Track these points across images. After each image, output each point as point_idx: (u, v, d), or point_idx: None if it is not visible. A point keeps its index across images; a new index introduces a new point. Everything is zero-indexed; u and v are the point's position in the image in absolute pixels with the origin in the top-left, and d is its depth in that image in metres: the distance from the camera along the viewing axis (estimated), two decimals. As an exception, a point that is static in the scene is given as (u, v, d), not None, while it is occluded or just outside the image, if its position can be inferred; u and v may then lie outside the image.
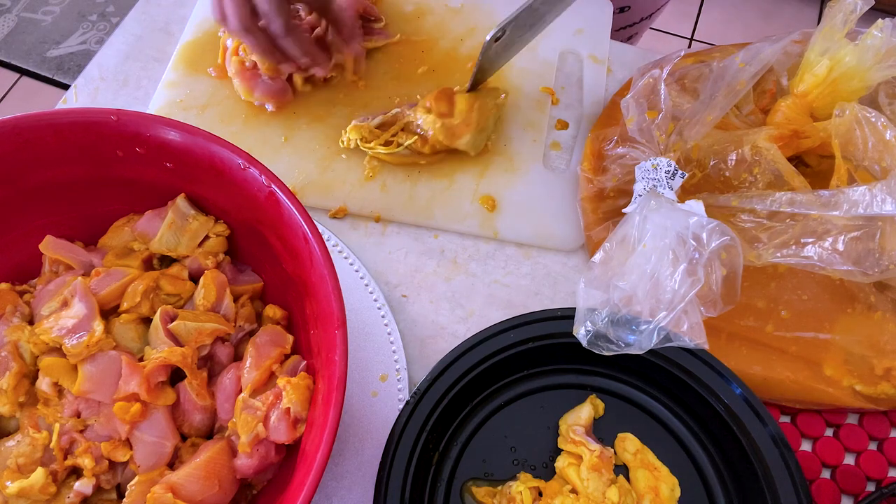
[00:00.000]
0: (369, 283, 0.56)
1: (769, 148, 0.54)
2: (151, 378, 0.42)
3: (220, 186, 0.46)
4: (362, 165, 0.62)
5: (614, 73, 0.70)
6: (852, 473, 0.50)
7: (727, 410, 0.48)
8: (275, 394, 0.42)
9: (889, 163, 0.50)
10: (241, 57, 0.63)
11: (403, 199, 0.61)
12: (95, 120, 0.45)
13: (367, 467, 0.50)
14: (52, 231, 0.49)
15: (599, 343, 0.48)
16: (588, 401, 0.51)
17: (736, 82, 0.56)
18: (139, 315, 0.46)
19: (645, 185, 0.54)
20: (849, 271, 0.48)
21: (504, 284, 0.59)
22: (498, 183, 0.62)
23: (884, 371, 0.51)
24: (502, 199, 0.61)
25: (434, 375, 0.49)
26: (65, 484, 0.42)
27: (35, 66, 1.85)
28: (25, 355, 0.44)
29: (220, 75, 0.66)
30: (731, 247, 0.47)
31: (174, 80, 0.66)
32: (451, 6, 0.72)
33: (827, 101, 0.55)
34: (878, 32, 0.52)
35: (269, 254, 0.48)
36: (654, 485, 0.48)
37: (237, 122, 0.64)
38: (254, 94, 0.63)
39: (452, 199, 0.61)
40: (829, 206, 0.48)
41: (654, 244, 0.48)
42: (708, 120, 0.55)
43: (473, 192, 0.62)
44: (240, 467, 0.42)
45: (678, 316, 0.46)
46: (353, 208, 0.61)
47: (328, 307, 0.40)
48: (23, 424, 0.43)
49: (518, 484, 0.47)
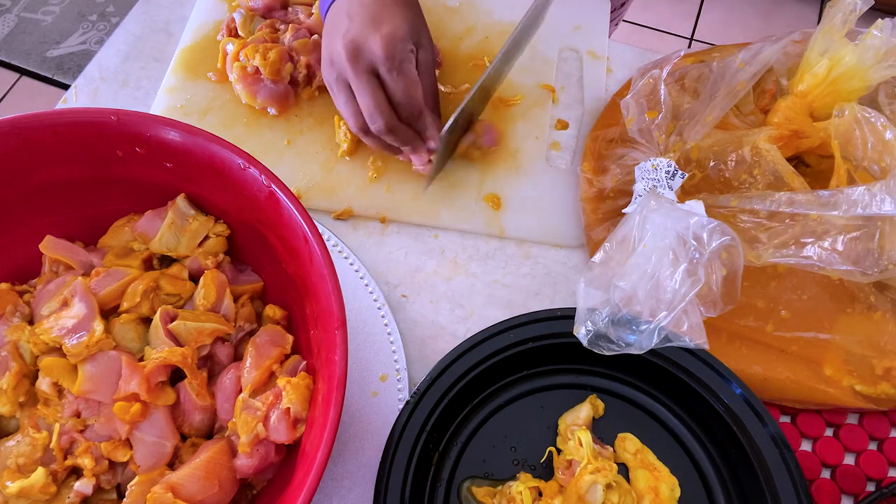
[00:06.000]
0: (369, 283, 0.56)
1: (769, 149, 0.54)
2: (151, 378, 0.42)
3: (220, 186, 0.46)
4: (366, 167, 0.62)
5: (614, 73, 0.70)
6: (852, 473, 0.50)
7: (727, 410, 0.48)
8: (275, 394, 0.42)
9: (888, 163, 0.50)
10: (242, 62, 0.63)
11: (408, 200, 0.61)
12: (95, 120, 0.45)
13: (367, 467, 0.50)
14: (52, 231, 0.49)
15: (600, 343, 0.48)
16: (588, 401, 0.51)
17: (736, 82, 0.56)
18: (139, 315, 0.46)
19: (645, 185, 0.54)
20: (848, 271, 0.48)
21: (504, 284, 0.59)
22: (503, 181, 0.62)
23: (884, 371, 0.51)
24: (507, 198, 0.61)
25: (434, 375, 0.49)
26: (65, 484, 0.42)
27: (35, 66, 1.85)
28: (25, 355, 0.44)
29: (220, 79, 0.66)
30: (732, 247, 0.47)
31: (174, 85, 0.66)
32: (449, 5, 0.72)
33: (827, 101, 0.55)
34: (877, 32, 0.52)
35: (269, 254, 0.48)
36: (654, 485, 0.48)
37: (239, 126, 0.64)
38: (256, 99, 0.63)
39: (458, 199, 0.61)
40: (829, 207, 0.48)
41: (654, 244, 0.48)
42: (708, 120, 0.55)
43: (478, 190, 0.62)
44: (240, 467, 0.42)
45: (678, 316, 0.46)
46: (358, 210, 0.61)
47: (328, 307, 0.40)
48: (23, 424, 0.43)
49: (518, 484, 0.47)
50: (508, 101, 0.66)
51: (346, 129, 0.62)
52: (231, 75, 0.64)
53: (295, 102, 0.65)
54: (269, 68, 0.62)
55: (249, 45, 0.63)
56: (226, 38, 0.66)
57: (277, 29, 0.66)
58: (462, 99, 0.66)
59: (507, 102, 0.66)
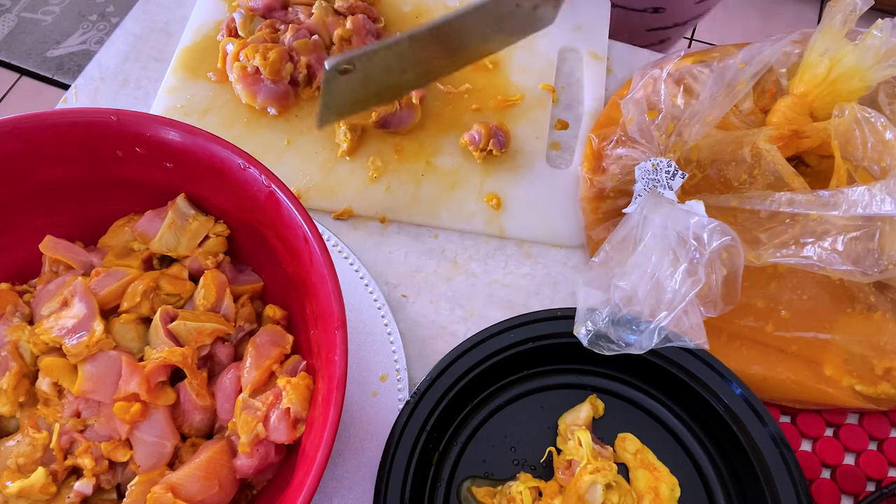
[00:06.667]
0: (369, 283, 0.56)
1: (769, 150, 0.54)
2: (151, 378, 0.42)
3: (220, 186, 0.46)
4: (366, 167, 0.62)
5: (614, 73, 0.70)
6: (852, 473, 0.50)
7: (727, 410, 0.48)
8: (275, 394, 0.42)
9: (888, 163, 0.50)
10: (242, 62, 0.62)
11: (408, 200, 0.61)
12: (95, 120, 0.45)
13: (367, 467, 0.50)
14: (52, 231, 0.49)
15: (600, 343, 0.48)
16: (588, 401, 0.51)
17: (736, 82, 0.56)
18: (139, 315, 0.46)
19: (645, 185, 0.54)
20: (848, 271, 0.48)
21: (504, 284, 0.59)
22: (503, 181, 0.62)
23: (884, 371, 0.51)
24: (507, 197, 0.62)
25: (434, 375, 0.49)
26: (65, 484, 0.42)
27: (35, 66, 1.85)
28: (25, 355, 0.44)
29: (220, 79, 0.66)
30: (732, 247, 0.47)
31: (174, 85, 0.66)
32: (449, 5, 0.72)
33: (827, 101, 0.55)
34: (877, 32, 0.52)
35: (269, 254, 0.48)
36: (654, 485, 0.48)
37: (239, 126, 0.64)
38: (256, 99, 0.63)
39: (458, 199, 0.61)
40: (829, 207, 0.48)
41: (654, 244, 0.48)
42: (708, 120, 0.55)
43: (479, 190, 0.62)
44: (240, 467, 0.42)
45: (678, 316, 0.46)
46: (358, 210, 0.61)
47: (328, 307, 0.40)
48: (23, 424, 0.43)
49: (518, 484, 0.47)
50: (509, 100, 0.66)
51: (346, 129, 0.62)
52: (231, 75, 0.64)
53: (295, 102, 0.65)
54: (269, 68, 0.61)
55: (249, 45, 0.62)
56: (226, 38, 0.66)
57: (277, 29, 0.66)
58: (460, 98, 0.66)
59: (508, 102, 0.66)
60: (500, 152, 0.62)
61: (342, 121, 0.62)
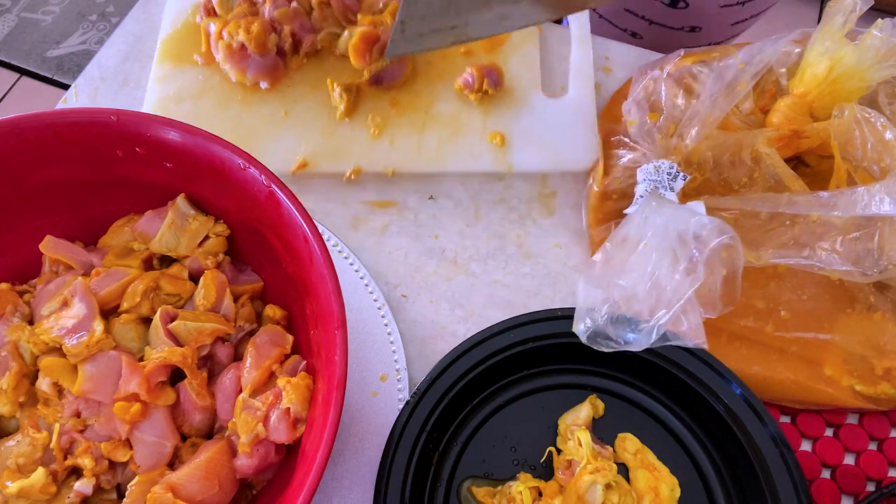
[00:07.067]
0: (369, 283, 0.56)
1: (769, 153, 0.54)
2: (151, 378, 0.42)
3: (220, 186, 0.46)
4: (367, 125, 0.62)
5: (614, 73, 0.70)
6: (852, 473, 0.50)
7: (727, 410, 0.48)
8: (275, 394, 0.42)
9: (888, 163, 0.50)
10: (227, 40, 0.61)
11: (413, 151, 0.61)
12: (95, 120, 0.45)
13: (367, 467, 0.50)
14: (52, 231, 0.49)
15: (599, 340, 0.48)
16: (587, 401, 0.51)
17: (736, 82, 0.56)
18: (139, 315, 0.46)
19: (647, 186, 0.54)
20: (848, 272, 0.48)
21: (504, 284, 0.59)
22: (503, 118, 0.63)
23: (884, 371, 0.51)
24: (511, 133, 0.62)
25: (434, 375, 0.49)
26: (65, 484, 0.42)
27: (35, 66, 1.85)
28: (25, 355, 0.44)
29: (207, 62, 0.65)
30: (732, 247, 0.47)
31: (162, 75, 0.65)
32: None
33: (827, 101, 0.55)
34: (877, 32, 0.52)
35: (269, 254, 0.48)
36: (654, 485, 0.48)
37: (234, 104, 0.63)
38: (246, 75, 0.62)
39: (462, 142, 0.62)
40: (829, 207, 0.48)
41: (655, 244, 0.48)
42: (708, 121, 0.55)
43: (481, 131, 0.62)
44: (240, 467, 0.42)
45: (678, 315, 0.46)
46: (367, 167, 0.61)
47: (328, 307, 0.40)
48: (23, 424, 0.43)
49: (518, 484, 0.47)
50: (497, 39, 0.66)
51: (341, 90, 0.62)
52: (217, 55, 0.63)
53: (285, 73, 0.64)
54: (254, 42, 0.61)
55: (231, 21, 0.62)
56: (205, 18, 0.65)
57: (255, 2, 0.65)
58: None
59: (496, 41, 0.66)
60: (495, 91, 0.62)
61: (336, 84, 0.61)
